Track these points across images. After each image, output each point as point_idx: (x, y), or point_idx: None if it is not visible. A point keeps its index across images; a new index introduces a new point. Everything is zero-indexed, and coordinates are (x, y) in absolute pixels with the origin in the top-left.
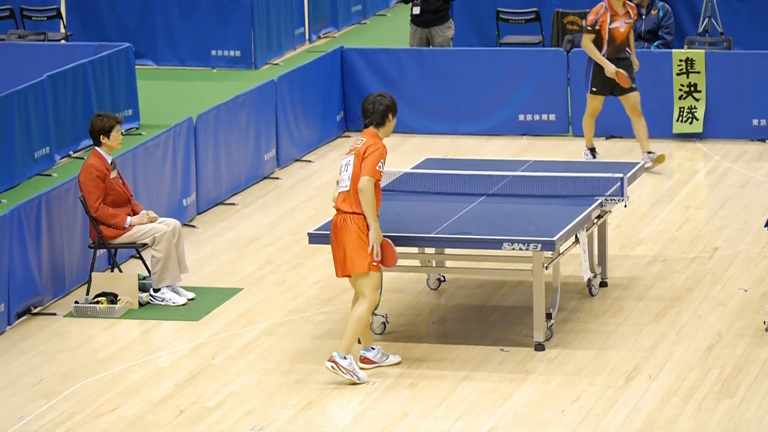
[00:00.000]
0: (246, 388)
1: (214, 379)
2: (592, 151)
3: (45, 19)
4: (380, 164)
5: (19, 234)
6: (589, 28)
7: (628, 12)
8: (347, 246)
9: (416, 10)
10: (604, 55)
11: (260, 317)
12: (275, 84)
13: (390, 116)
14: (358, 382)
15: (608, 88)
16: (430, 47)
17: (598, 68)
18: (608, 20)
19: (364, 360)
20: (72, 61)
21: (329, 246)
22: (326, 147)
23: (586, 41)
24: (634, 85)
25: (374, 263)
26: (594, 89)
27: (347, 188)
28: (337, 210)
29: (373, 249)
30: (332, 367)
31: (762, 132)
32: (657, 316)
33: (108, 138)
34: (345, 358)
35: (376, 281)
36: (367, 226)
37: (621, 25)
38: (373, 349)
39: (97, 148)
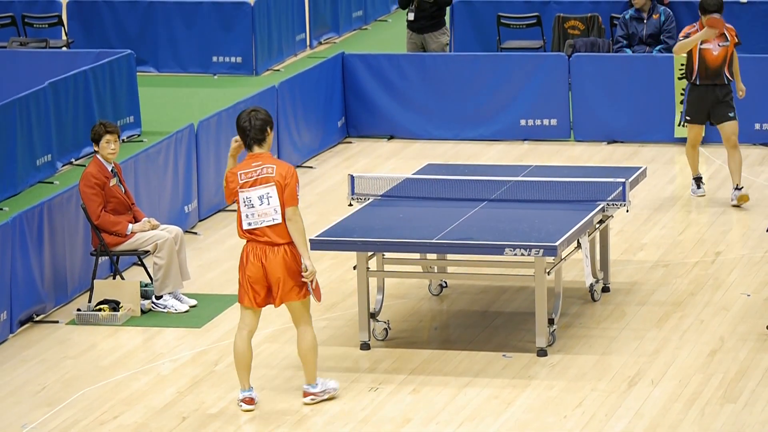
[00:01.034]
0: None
1: (216, 386)
2: (697, 180)
3: (46, 26)
4: (298, 188)
5: (21, 242)
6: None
7: (723, 34)
8: (286, 276)
9: (411, 16)
10: (695, 80)
11: (262, 324)
12: (276, 90)
13: (268, 130)
14: (335, 393)
15: (704, 115)
16: (432, 53)
17: (691, 96)
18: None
19: (249, 401)
20: (73, 68)
21: (331, 252)
22: (328, 153)
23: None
24: (731, 114)
25: (308, 292)
26: (688, 118)
27: (277, 221)
28: (266, 243)
29: (312, 280)
30: (311, 400)
31: (764, 136)
32: (659, 321)
33: (98, 146)
34: (316, 384)
35: (309, 302)
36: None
37: (714, 48)
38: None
39: (97, 155)
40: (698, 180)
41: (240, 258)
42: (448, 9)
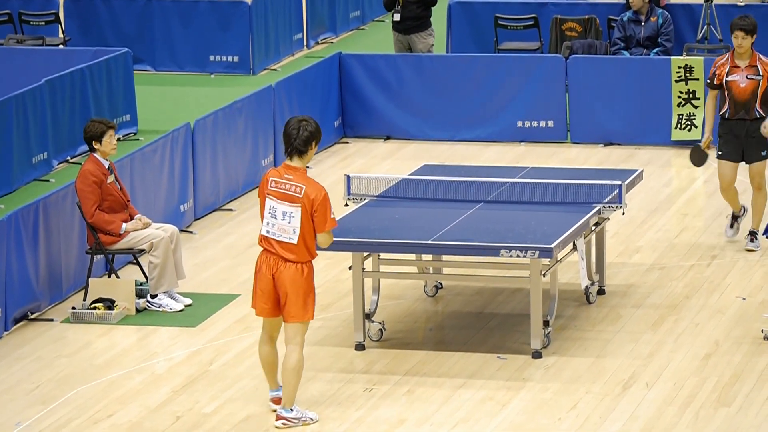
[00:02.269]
0: (243, 394)
1: (211, 386)
2: (735, 218)
3: (43, 23)
4: (332, 212)
5: (17, 239)
6: (707, 81)
7: (754, 66)
8: (293, 293)
9: (396, 17)
10: (724, 113)
11: (257, 323)
12: (273, 90)
13: (313, 144)
14: (312, 422)
15: (735, 152)
16: (427, 54)
17: (721, 130)
18: (725, 72)
19: (277, 400)
20: (70, 66)
21: (326, 252)
22: (324, 153)
23: (708, 98)
24: (763, 153)
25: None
26: (720, 153)
27: (293, 241)
28: (280, 257)
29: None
30: (283, 424)
31: None
32: (655, 324)
33: (100, 144)
34: (291, 410)
35: (305, 330)
36: (311, 272)
37: (741, 80)
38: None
39: (93, 153)
40: (735, 217)
41: (255, 267)
42: (447, 11)
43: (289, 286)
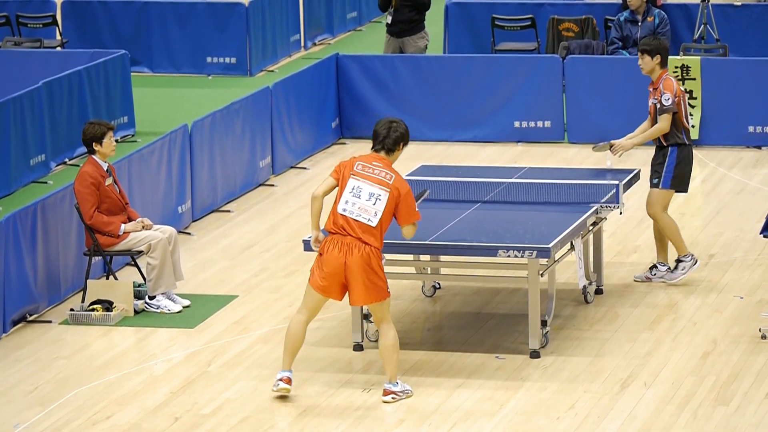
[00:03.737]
0: (241, 395)
1: (209, 387)
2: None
3: (41, 26)
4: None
5: (15, 241)
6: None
7: (656, 89)
8: (366, 278)
9: (389, 20)
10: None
11: (255, 324)
12: (270, 91)
13: (401, 145)
14: (411, 394)
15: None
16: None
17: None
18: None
19: (288, 381)
20: (68, 68)
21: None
22: (321, 154)
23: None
24: (654, 181)
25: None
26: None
27: (371, 223)
28: (356, 239)
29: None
30: (392, 398)
31: (758, 139)
32: (652, 323)
33: (100, 145)
34: (396, 383)
35: (389, 303)
36: (381, 258)
37: (649, 103)
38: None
39: (92, 155)
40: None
41: (320, 249)
42: (444, 12)
43: (365, 271)
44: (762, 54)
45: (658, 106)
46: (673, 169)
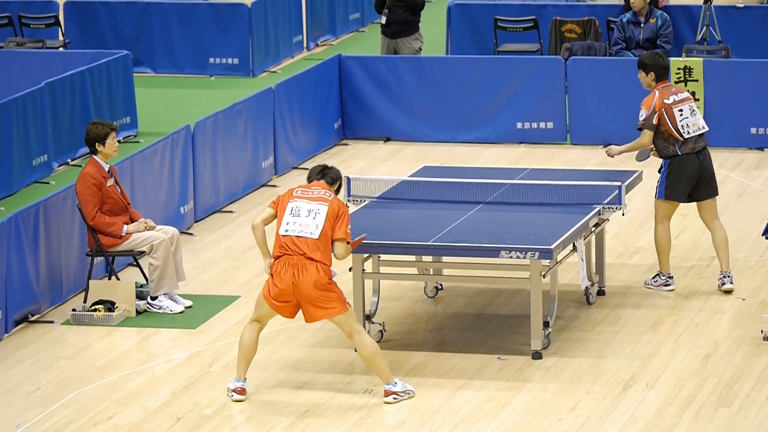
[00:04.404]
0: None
1: (211, 387)
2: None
3: (43, 26)
4: (349, 228)
5: (17, 242)
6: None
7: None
8: (319, 294)
9: (383, 20)
10: None
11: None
12: (273, 92)
13: (338, 186)
14: (413, 394)
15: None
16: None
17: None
18: None
19: (241, 391)
20: (70, 69)
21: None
22: (324, 155)
23: None
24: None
25: (347, 305)
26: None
27: (314, 236)
28: (302, 256)
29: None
30: (393, 399)
31: (760, 140)
32: (654, 325)
33: (103, 146)
34: (395, 384)
35: (353, 313)
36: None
37: None
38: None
39: (93, 156)
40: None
41: (270, 271)
42: (447, 13)
43: (315, 289)
44: (764, 55)
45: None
46: (665, 180)
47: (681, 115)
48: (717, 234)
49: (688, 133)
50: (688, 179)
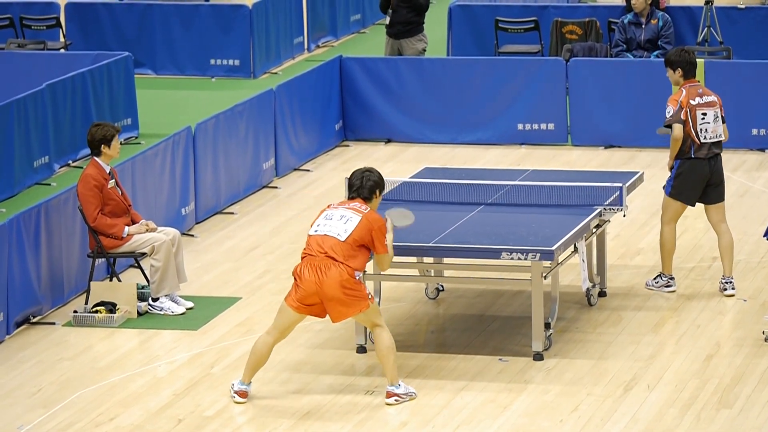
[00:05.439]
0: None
1: (212, 389)
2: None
3: (44, 28)
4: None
5: (18, 243)
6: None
7: None
8: (342, 294)
9: (388, 21)
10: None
11: (259, 326)
12: (274, 93)
13: (377, 193)
14: (415, 396)
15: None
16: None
17: None
18: None
19: (243, 395)
20: (71, 70)
21: None
22: (325, 156)
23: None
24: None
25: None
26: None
27: (340, 238)
28: (326, 256)
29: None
30: (395, 400)
31: (761, 141)
32: (656, 326)
33: (108, 147)
34: (398, 385)
35: (377, 308)
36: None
37: None
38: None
39: (95, 157)
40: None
41: (294, 273)
42: (447, 14)
43: (338, 289)
44: (765, 57)
45: None
46: (673, 179)
47: (703, 119)
48: (723, 238)
49: (705, 138)
50: (698, 183)
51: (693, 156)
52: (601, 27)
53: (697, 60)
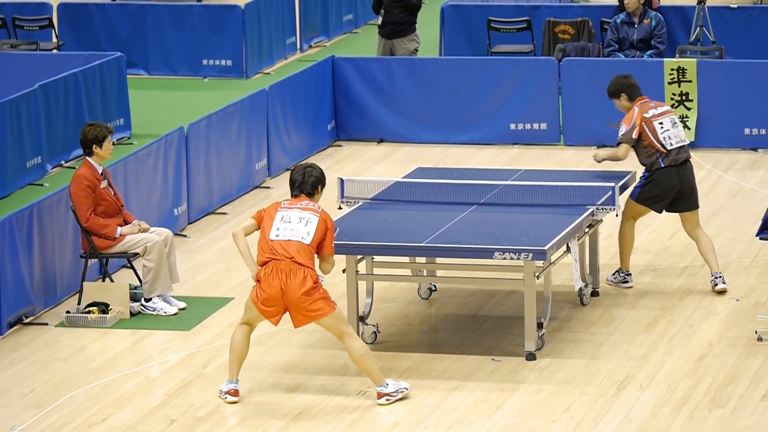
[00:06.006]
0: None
1: (205, 389)
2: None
3: (37, 28)
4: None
5: (11, 244)
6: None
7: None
8: (306, 298)
9: (380, 21)
10: None
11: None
12: (266, 93)
13: (319, 189)
14: (407, 391)
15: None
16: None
17: None
18: None
19: (234, 393)
20: (64, 71)
21: None
22: (317, 156)
23: None
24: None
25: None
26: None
27: (305, 241)
28: (290, 261)
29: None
30: (386, 400)
31: (754, 141)
32: (648, 326)
33: (100, 148)
34: (386, 385)
35: (341, 313)
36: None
37: None
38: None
39: (87, 158)
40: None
41: (257, 277)
42: (440, 14)
43: (303, 295)
44: (758, 56)
45: None
46: (641, 186)
47: (662, 127)
48: (701, 242)
49: (671, 144)
50: (667, 193)
51: (663, 165)
52: (594, 27)
53: (689, 60)
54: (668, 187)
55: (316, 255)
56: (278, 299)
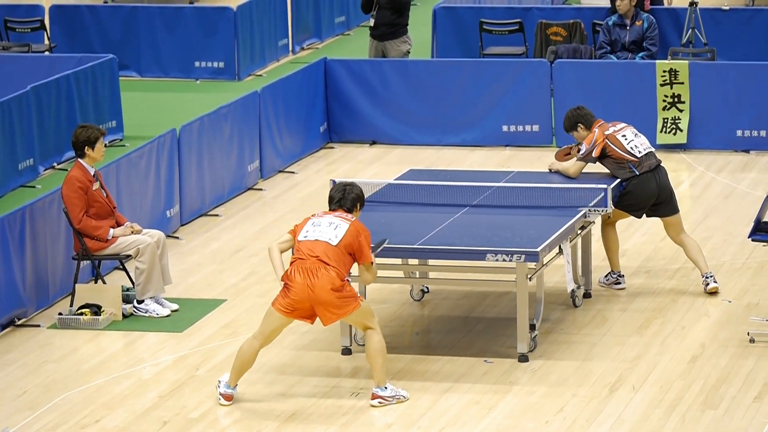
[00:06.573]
0: None
1: (197, 391)
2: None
3: (29, 30)
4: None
5: (3, 246)
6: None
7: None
8: (333, 297)
9: (372, 22)
10: None
11: (244, 328)
12: (259, 95)
13: (358, 206)
14: (405, 399)
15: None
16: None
17: None
18: None
19: (229, 398)
20: (56, 73)
21: None
22: (309, 158)
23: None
24: None
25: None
26: None
27: (332, 242)
28: (317, 260)
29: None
30: (379, 402)
31: (746, 143)
32: (641, 327)
33: (92, 149)
34: (385, 388)
35: (369, 308)
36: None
37: None
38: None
39: (80, 159)
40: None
41: (284, 278)
42: (432, 16)
43: (331, 292)
44: (750, 58)
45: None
46: (619, 196)
47: (626, 139)
48: (687, 246)
49: (639, 152)
50: (645, 199)
51: (638, 173)
52: (586, 29)
53: (681, 62)
54: (646, 195)
55: (355, 263)
56: (305, 299)
